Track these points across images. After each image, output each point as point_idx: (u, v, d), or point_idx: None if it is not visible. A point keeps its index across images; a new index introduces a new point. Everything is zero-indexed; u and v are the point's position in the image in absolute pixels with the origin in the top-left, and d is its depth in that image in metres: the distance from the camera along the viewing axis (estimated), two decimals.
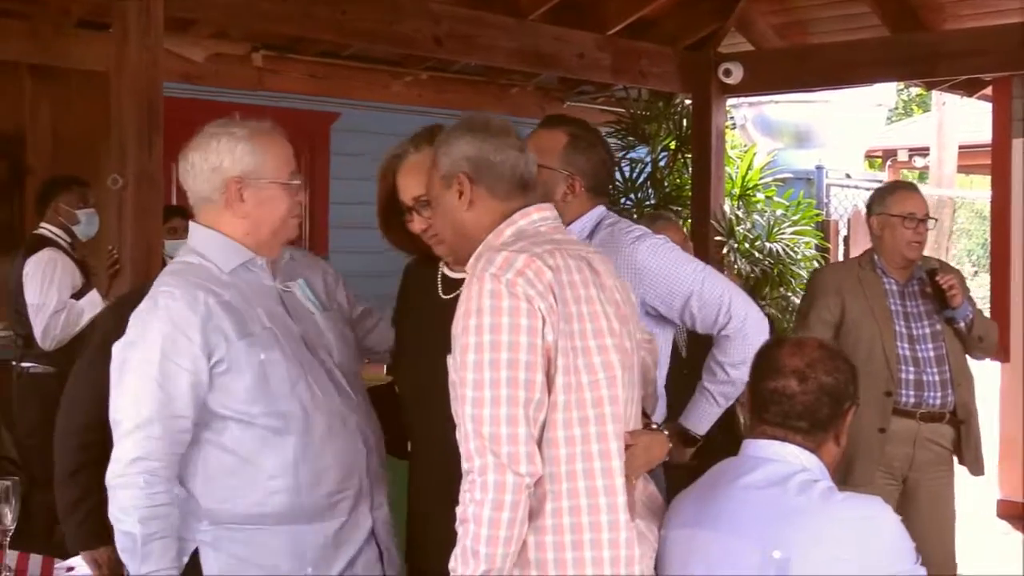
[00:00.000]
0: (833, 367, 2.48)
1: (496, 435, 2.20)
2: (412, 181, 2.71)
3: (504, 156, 2.45)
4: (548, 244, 2.36)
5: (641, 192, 7.90)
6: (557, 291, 2.28)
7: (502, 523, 2.19)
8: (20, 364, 5.60)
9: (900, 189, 4.69)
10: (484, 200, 2.44)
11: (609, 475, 2.31)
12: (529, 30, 6.23)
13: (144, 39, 4.59)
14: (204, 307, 2.62)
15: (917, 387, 4.40)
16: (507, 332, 2.23)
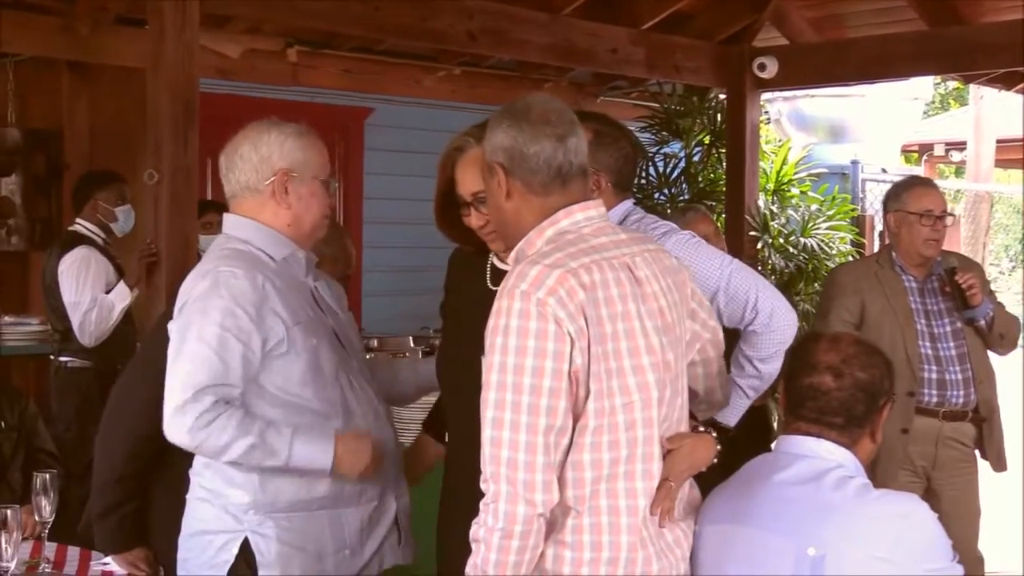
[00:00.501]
0: (869, 362, 2.46)
1: (513, 460, 2.15)
2: (471, 175, 2.64)
3: (538, 148, 2.30)
4: (587, 255, 2.25)
5: (675, 187, 7.88)
6: (590, 311, 2.19)
7: (511, 550, 2.16)
8: (58, 359, 5.66)
9: (917, 185, 4.60)
10: (521, 193, 2.33)
11: (632, 495, 2.25)
12: (562, 25, 6.22)
13: (180, 35, 4.62)
14: (262, 289, 2.71)
15: (940, 386, 4.36)
16: (532, 356, 2.15)
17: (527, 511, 2.14)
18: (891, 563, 2.26)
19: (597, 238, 2.31)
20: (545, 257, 2.23)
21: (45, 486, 2.98)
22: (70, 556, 3.27)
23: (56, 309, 5.58)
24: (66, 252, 5.51)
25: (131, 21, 6.08)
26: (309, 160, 2.86)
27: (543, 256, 2.24)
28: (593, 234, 2.31)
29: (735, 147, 7.29)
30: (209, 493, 2.81)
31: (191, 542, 2.85)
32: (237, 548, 2.76)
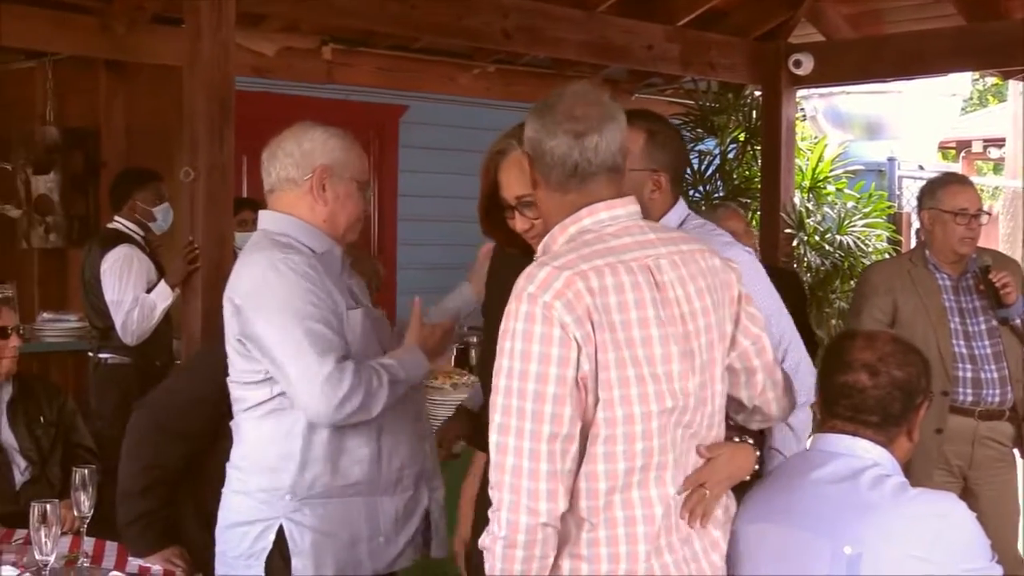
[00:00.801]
0: (905, 361, 2.45)
1: (518, 467, 2.10)
2: (515, 178, 2.63)
3: (554, 143, 2.23)
4: (601, 257, 2.17)
5: (710, 184, 7.85)
6: (598, 317, 2.11)
7: (516, 559, 2.11)
8: (97, 355, 5.70)
9: (952, 183, 4.54)
10: (542, 186, 2.29)
11: (648, 504, 2.18)
12: (597, 22, 6.21)
13: (216, 34, 4.65)
14: (317, 275, 2.78)
15: (975, 385, 4.32)
16: (536, 361, 2.09)
17: (529, 520, 2.10)
18: (929, 562, 2.24)
19: (619, 238, 2.22)
20: (556, 258, 2.17)
21: (84, 481, 3.01)
22: (108, 551, 3.30)
23: (96, 306, 5.62)
24: (107, 250, 5.55)
25: (167, 20, 6.12)
26: (349, 161, 2.91)
27: (555, 257, 2.18)
28: (616, 234, 2.23)
29: (770, 144, 7.25)
30: (246, 484, 2.85)
31: (228, 534, 2.89)
32: (273, 535, 2.81)
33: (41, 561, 2.78)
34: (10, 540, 3.40)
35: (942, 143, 12.83)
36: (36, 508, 2.75)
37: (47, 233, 7.02)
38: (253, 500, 2.84)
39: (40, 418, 4.06)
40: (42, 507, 2.75)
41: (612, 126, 2.26)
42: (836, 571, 2.28)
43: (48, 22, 6.05)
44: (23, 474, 3.97)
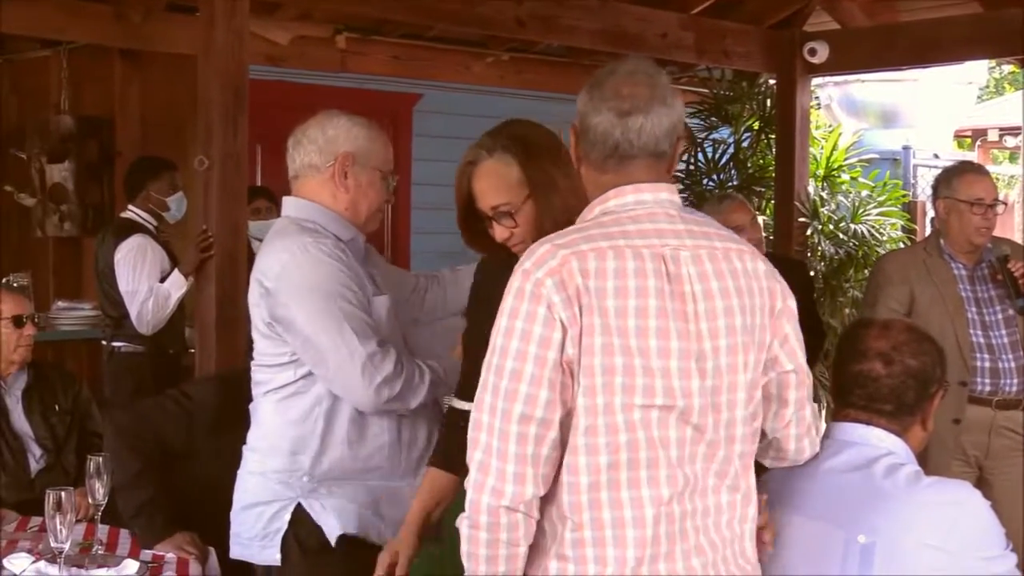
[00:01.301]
0: (920, 350, 2.44)
1: (488, 446, 2.01)
2: (488, 188, 2.59)
3: (598, 120, 2.12)
4: (608, 240, 2.05)
5: (724, 173, 7.83)
6: (587, 300, 1.99)
7: (480, 542, 2.02)
8: (111, 344, 5.72)
9: (968, 172, 4.50)
10: (583, 162, 2.18)
11: (638, 505, 2.02)
12: (612, 10, 6.19)
13: (230, 22, 4.65)
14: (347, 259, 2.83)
15: (993, 375, 4.30)
16: (518, 338, 2.00)
17: (491, 501, 2.00)
18: (943, 551, 2.23)
19: (639, 223, 2.09)
20: (561, 237, 2.08)
21: (98, 469, 3.02)
22: (122, 538, 3.31)
23: (109, 295, 5.64)
24: (121, 240, 5.57)
25: (182, 8, 6.13)
26: (373, 150, 2.93)
27: (561, 235, 2.08)
28: (636, 218, 2.10)
29: (785, 133, 7.22)
30: (263, 465, 2.88)
31: (243, 515, 2.92)
32: (289, 516, 2.84)
33: (56, 548, 2.80)
34: (25, 528, 3.42)
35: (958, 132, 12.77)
36: (51, 496, 2.77)
37: (62, 222, 7.03)
38: (270, 481, 2.87)
39: (55, 406, 4.08)
40: (57, 495, 2.76)
41: (661, 109, 2.13)
42: (850, 560, 2.27)
43: (63, 11, 6.06)
44: (38, 462, 3.99)
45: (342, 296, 2.76)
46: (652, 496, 2.04)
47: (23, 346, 3.99)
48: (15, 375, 4.04)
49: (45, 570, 2.89)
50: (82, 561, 3.00)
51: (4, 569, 2.91)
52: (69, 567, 2.89)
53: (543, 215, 2.54)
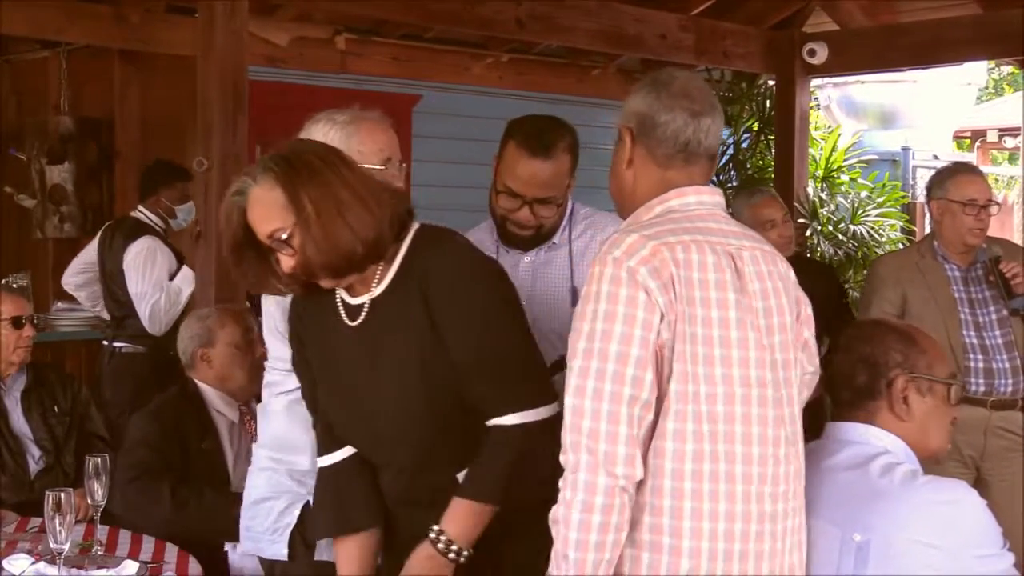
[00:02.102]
0: (877, 339, 2.46)
1: (595, 430, 2.03)
2: (260, 216, 2.40)
3: (670, 117, 2.23)
4: (689, 234, 2.15)
5: (723, 174, 7.83)
6: (680, 289, 2.08)
7: (592, 527, 2.01)
8: (112, 344, 5.73)
9: (961, 173, 4.49)
10: (643, 161, 2.26)
11: (717, 499, 2.09)
12: (611, 11, 6.19)
13: (230, 23, 4.65)
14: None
15: (987, 375, 4.30)
16: (621, 322, 2.05)
17: (608, 482, 2.01)
18: (939, 550, 2.24)
19: (705, 221, 2.21)
20: (645, 228, 2.16)
21: (97, 470, 3.03)
22: (122, 539, 3.31)
23: (115, 295, 5.65)
24: (130, 242, 5.59)
25: (181, 10, 6.13)
26: (353, 148, 2.79)
27: (643, 227, 2.16)
28: (702, 216, 2.22)
29: (784, 134, 7.23)
30: (273, 461, 2.88)
31: (254, 510, 2.93)
32: (298, 512, 2.85)
33: (55, 549, 2.80)
34: (25, 528, 3.42)
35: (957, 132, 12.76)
36: (50, 497, 2.77)
37: (61, 223, 7.03)
38: (280, 476, 2.89)
39: (54, 407, 4.08)
40: (56, 496, 2.76)
41: (719, 117, 2.30)
42: (845, 558, 2.28)
43: (62, 12, 6.06)
44: (37, 463, 3.99)
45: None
46: (729, 491, 2.10)
47: (22, 347, 3.99)
48: (14, 376, 4.04)
49: (45, 571, 2.89)
50: (82, 562, 3.00)
51: (4, 570, 2.91)
52: (69, 568, 2.89)
53: (325, 235, 2.33)
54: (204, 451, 3.79)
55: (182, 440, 3.78)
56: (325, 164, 2.39)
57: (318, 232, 2.33)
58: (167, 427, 3.78)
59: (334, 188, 2.35)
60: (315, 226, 2.33)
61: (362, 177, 2.41)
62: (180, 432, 3.78)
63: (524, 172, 3.02)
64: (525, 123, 3.13)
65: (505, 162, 3.10)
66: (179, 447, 3.76)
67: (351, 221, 2.34)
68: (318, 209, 2.33)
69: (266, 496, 2.90)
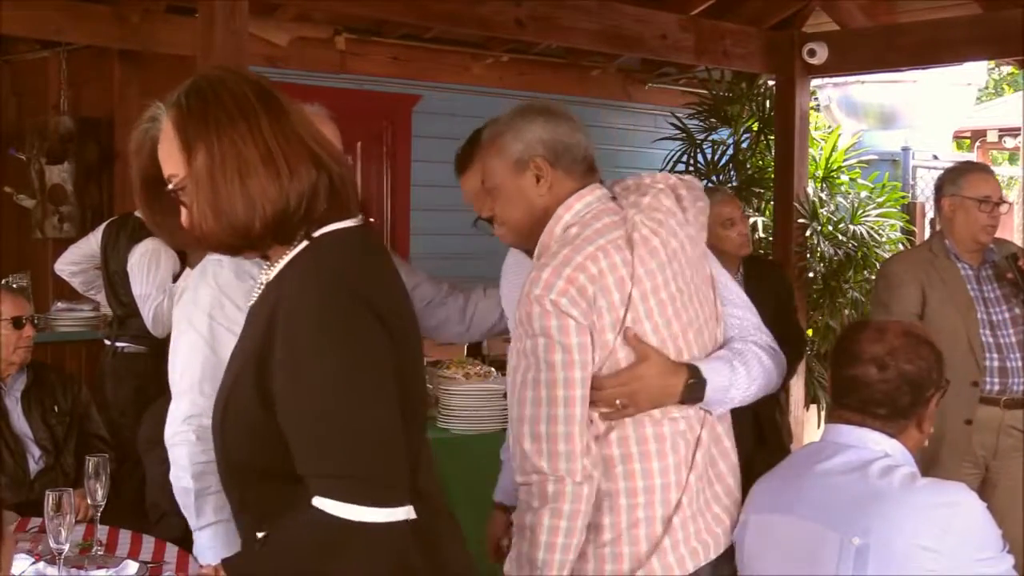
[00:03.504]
0: (915, 355, 2.44)
1: (554, 452, 2.25)
2: (161, 155, 1.99)
3: (576, 138, 2.46)
4: (591, 244, 2.32)
5: (723, 174, 7.83)
6: (600, 301, 2.28)
7: (560, 530, 2.24)
8: (114, 343, 5.73)
9: (975, 171, 4.50)
10: (560, 183, 2.44)
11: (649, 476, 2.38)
12: (611, 11, 6.19)
13: (229, 23, 4.65)
14: (249, 276, 2.66)
15: (1001, 374, 4.30)
16: (560, 352, 2.26)
17: (575, 489, 2.24)
18: (938, 553, 2.24)
19: (600, 220, 2.37)
20: (554, 257, 2.31)
21: (97, 470, 3.03)
22: (122, 539, 3.31)
23: (118, 295, 5.66)
24: (135, 243, 5.59)
25: (181, 10, 6.13)
26: None
27: (553, 256, 2.32)
28: (595, 217, 2.38)
29: (784, 134, 7.22)
30: None
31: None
32: None
33: (55, 549, 2.80)
34: (25, 528, 3.42)
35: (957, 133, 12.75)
36: (50, 497, 2.77)
37: (61, 223, 7.03)
38: None
39: (54, 407, 4.08)
40: (56, 496, 2.76)
41: None
42: (845, 562, 2.28)
43: (62, 12, 6.06)
44: (37, 463, 3.99)
45: (196, 324, 2.72)
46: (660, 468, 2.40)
47: (23, 347, 3.99)
48: (14, 376, 4.04)
49: (44, 571, 2.89)
50: (82, 562, 2.99)
51: None
52: (69, 568, 2.89)
53: (215, 199, 1.89)
54: None
55: None
56: (242, 112, 1.90)
57: (207, 193, 1.89)
58: None
59: (240, 145, 1.88)
60: (204, 186, 1.89)
61: (290, 135, 1.93)
62: None
63: (465, 194, 3.02)
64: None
65: None
66: None
67: (252, 189, 1.88)
68: (211, 166, 1.88)
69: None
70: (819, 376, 7.19)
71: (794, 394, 6.69)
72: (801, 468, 2.47)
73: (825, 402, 6.41)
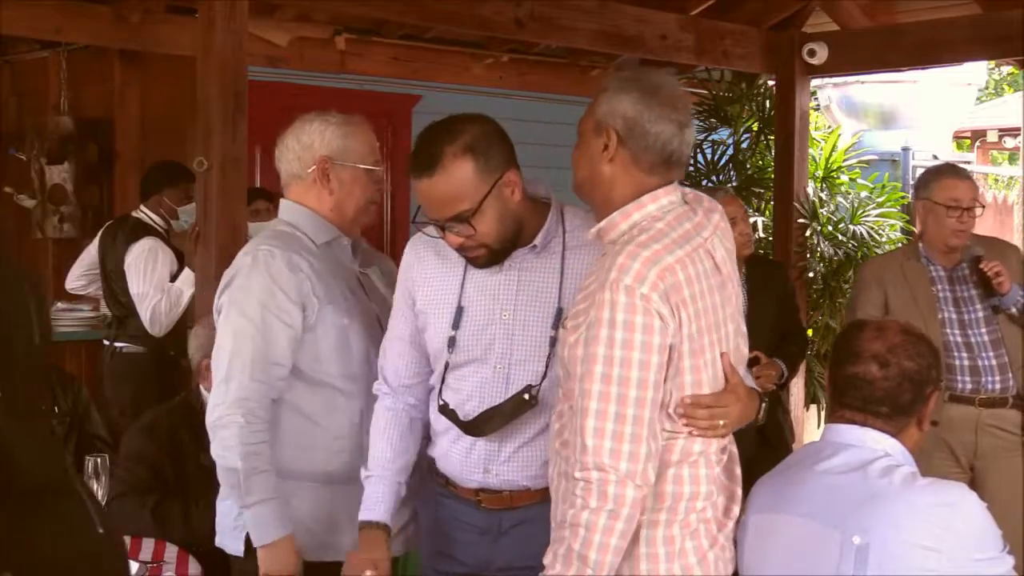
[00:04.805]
0: (915, 352, 2.44)
1: (617, 451, 2.18)
2: None
3: (660, 128, 2.33)
4: (680, 247, 2.27)
5: (723, 174, 7.83)
6: (683, 311, 2.23)
7: (615, 532, 2.18)
8: (113, 344, 5.73)
9: (946, 175, 4.52)
10: (625, 164, 2.34)
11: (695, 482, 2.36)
12: (611, 11, 6.19)
13: (229, 24, 4.64)
14: (299, 269, 2.83)
15: (973, 373, 4.32)
16: (640, 350, 2.18)
17: (635, 494, 2.19)
18: (938, 552, 2.24)
19: (682, 225, 2.32)
20: (644, 248, 2.24)
21: (97, 470, 3.03)
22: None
23: (116, 295, 5.66)
24: (132, 242, 5.59)
25: (181, 10, 6.13)
26: (350, 147, 2.95)
27: (641, 246, 2.24)
28: (678, 220, 2.32)
29: (784, 134, 7.22)
30: None
31: (221, 506, 3.00)
32: None
33: None
34: None
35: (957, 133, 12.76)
36: None
37: (61, 223, 7.03)
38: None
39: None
40: None
41: (692, 123, 2.44)
42: (845, 561, 2.28)
43: (62, 12, 6.06)
44: None
45: (260, 317, 2.79)
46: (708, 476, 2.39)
47: None
48: None
49: None
50: None
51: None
52: None
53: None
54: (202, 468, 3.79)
55: (177, 455, 3.76)
56: None
57: None
58: (161, 442, 3.78)
59: None
60: None
61: None
62: (175, 447, 3.77)
63: (419, 195, 2.64)
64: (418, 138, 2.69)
65: None
66: (173, 463, 3.76)
67: None
68: None
69: (226, 495, 2.92)
70: (819, 376, 7.19)
71: (794, 394, 6.69)
72: (801, 468, 2.47)
73: (825, 402, 6.41)
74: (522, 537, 2.62)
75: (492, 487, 2.66)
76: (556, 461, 2.41)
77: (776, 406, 4.86)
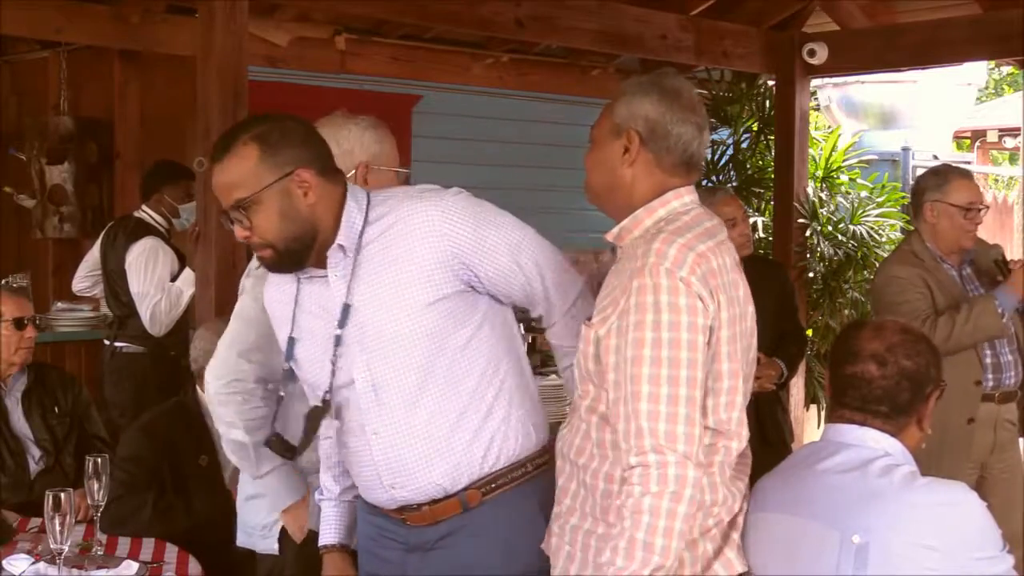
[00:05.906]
0: (914, 351, 2.44)
1: (672, 433, 2.15)
2: None
3: (682, 130, 2.37)
4: (710, 238, 2.31)
5: (723, 174, 7.83)
6: (718, 296, 2.25)
7: (678, 516, 2.13)
8: (113, 344, 5.73)
9: (959, 177, 4.49)
10: (647, 166, 2.37)
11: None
12: (611, 11, 6.19)
13: (229, 24, 4.64)
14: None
15: (995, 369, 4.34)
16: (687, 330, 2.18)
17: (695, 475, 2.16)
18: (938, 551, 2.24)
19: (704, 223, 2.36)
20: (678, 235, 2.26)
21: (97, 470, 3.03)
22: (122, 539, 3.32)
23: (117, 295, 5.66)
24: (133, 242, 5.59)
25: (181, 10, 6.13)
26: (384, 152, 2.99)
27: (674, 234, 2.26)
28: (700, 218, 2.37)
29: (784, 134, 7.22)
30: None
31: (247, 505, 3.00)
32: None
33: (55, 549, 2.80)
34: (25, 528, 3.42)
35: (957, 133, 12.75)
36: (50, 497, 2.77)
37: (61, 223, 7.03)
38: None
39: (54, 408, 4.08)
40: (56, 496, 2.77)
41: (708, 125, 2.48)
42: (845, 560, 2.28)
43: (62, 12, 6.06)
44: (37, 463, 3.99)
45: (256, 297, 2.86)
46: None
47: (24, 348, 3.99)
48: (15, 376, 4.04)
49: (45, 571, 2.90)
50: (81, 562, 3.00)
51: (4, 570, 2.91)
52: (69, 568, 2.90)
53: None
54: (201, 468, 3.79)
55: (175, 457, 3.78)
56: None
57: None
58: (157, 444, 3.79)
59: None
60: None
61: None
62: (173, 449, 3.78)
63: (214, 183, 2.51)
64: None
65: None
66: (170, 464, 3.76)
67: None
68: None
69: (254, 493, 2.93)
70: (819, 376, 7.19)
71: (794, 394, 6.69)
72: (801, 467, 2.47)
73: (825, 402, 6.41)
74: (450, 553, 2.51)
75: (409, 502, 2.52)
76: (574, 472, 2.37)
77: (776, 406, 4.86)
